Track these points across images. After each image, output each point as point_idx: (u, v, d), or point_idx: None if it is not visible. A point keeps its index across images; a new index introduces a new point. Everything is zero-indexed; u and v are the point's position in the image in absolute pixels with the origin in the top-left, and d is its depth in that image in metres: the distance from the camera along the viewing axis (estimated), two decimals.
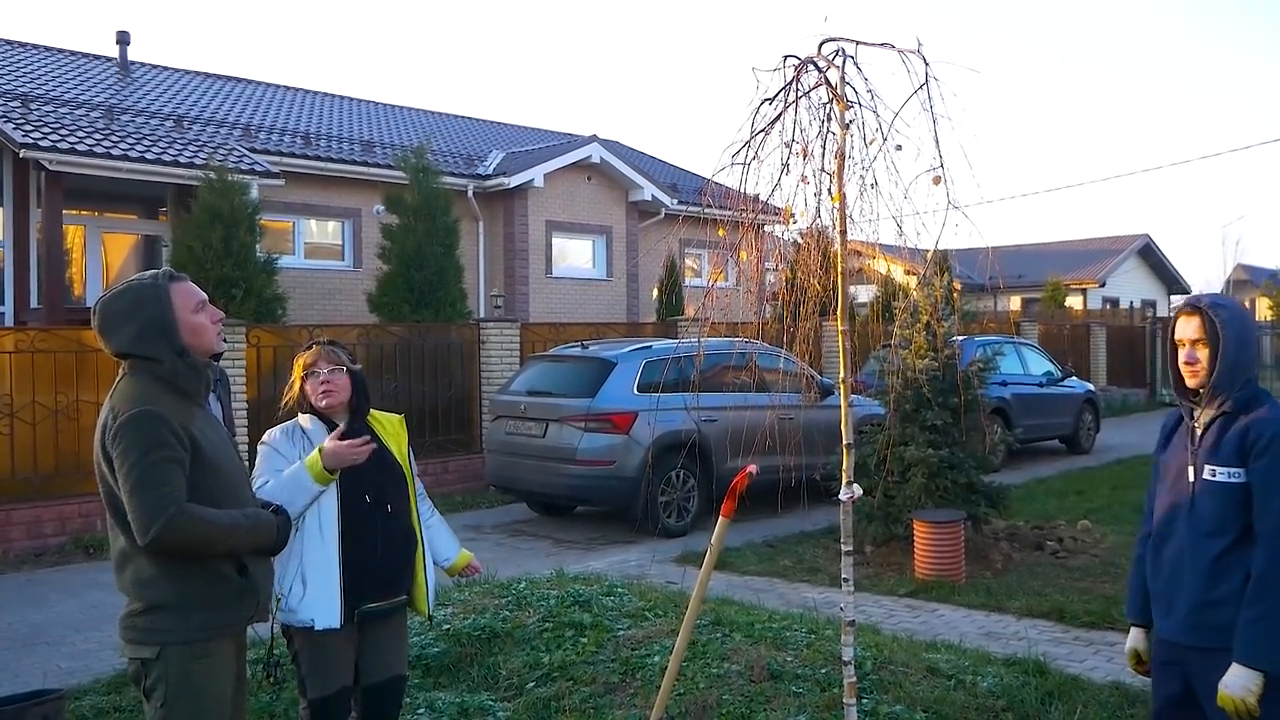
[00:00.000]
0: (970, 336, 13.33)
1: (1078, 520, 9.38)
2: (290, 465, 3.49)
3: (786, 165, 2.97)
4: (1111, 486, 11.85)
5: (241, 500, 3.02)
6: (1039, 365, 15.52)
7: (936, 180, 3.25)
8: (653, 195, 19.92)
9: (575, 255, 19.74)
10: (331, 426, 3.61)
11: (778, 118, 3.15)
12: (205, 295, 3.05)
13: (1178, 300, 42.33)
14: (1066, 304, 30.86)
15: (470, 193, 17.88)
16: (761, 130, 3.11)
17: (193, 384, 2.95)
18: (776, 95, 2.96)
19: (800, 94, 3.18)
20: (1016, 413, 13.82)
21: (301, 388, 3.63)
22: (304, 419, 3.64)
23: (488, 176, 18.18)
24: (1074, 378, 16.15)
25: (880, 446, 8.41)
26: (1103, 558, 8.19)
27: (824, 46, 3.13)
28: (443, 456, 12.56)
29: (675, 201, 20.18)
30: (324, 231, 17.34)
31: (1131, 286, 35.74)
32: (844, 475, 3.20)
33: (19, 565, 8.98)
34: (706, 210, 4.08)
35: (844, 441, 3.22)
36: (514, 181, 17.99)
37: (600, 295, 19.59)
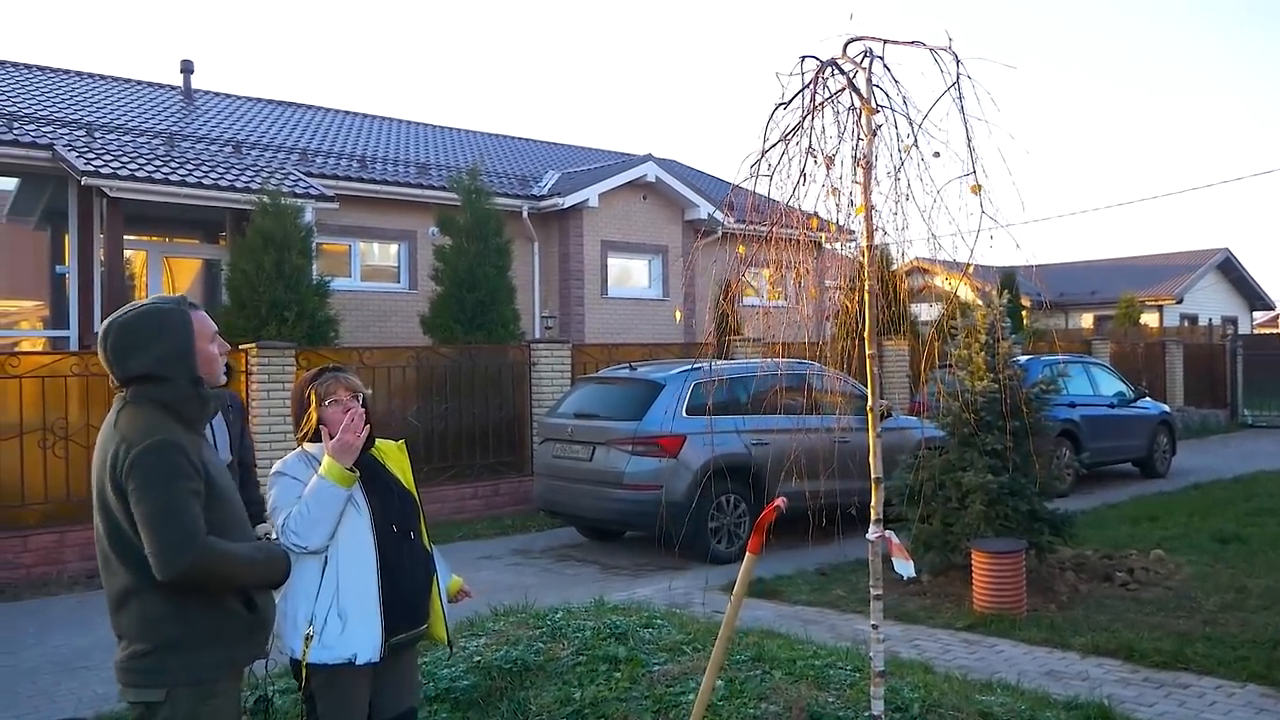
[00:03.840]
0: (1036, 356, 12.87)
1: (1151, 549, 8.89)
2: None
3: (804, 174, 2.74)
4: (1188, 513, 11.27)
5: (244, 531, 2.95)
6: (1110, 385, 14.96)
7: (975, 188, 3.00)
8: (709, 214, 19.71)
9: (631, 275, 19.59)
10: None
11: (800, 124, 2.91)
12: (216, 326, 3.01)
13: (1261, 316, 40.89)
14: (1142, 321, 29.95)
15: (525, 213, 17.83)
16: (780, 139, 2.88)
17: (197, 413, 2.89)
18: (792, 100, 2.73)
19: (826, 98, 2.95)
20: (1086, 435, 13.30)
21: (320, 417, 3.50)
22: (313, 447, 3.51)
23: (542, 197, 18.13)
24: (1147, 398, 15.55)
25: (936, 471, 8.08)
26: (1177, 590, 7.72)
27: (849, 47, 2.89)
28: (494, 479, 12.45)
29: (732, 220, 19.91)
30: (380, 254, 17.43)
31: (1211, 302, 34.55)
32: (873, 512, 2.94)
33: (71, 587, 9.02)
34: (751, 227, 3.87)
35: (873, 475, 2.95)
36: (568, 201, 17.91)
37: (656, 315, 19.40)
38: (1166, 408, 16.13)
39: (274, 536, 3.26)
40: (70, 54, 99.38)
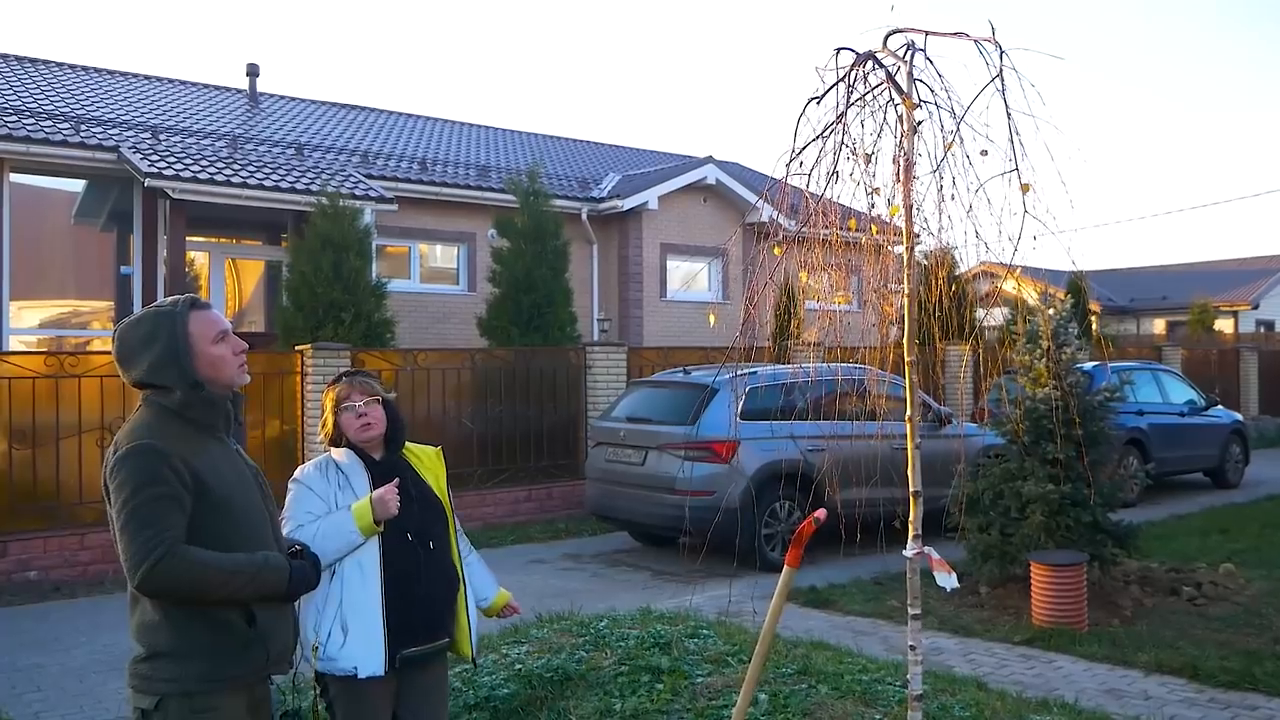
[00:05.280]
0: (1101, 363, 12.52)
1: (1220, 563, 8.56)
2: (324, 503, 3.31)
3: (836, 172, 2.62)
4: (1261, 525, 10.85)
5: (259, 541, 2.79)
6: (1180, 393, 14.51)
7: (1025, 187, 2.85)
8: (770, 217, 19.51)
9: (691, 278, 19.48)
10: (367, 460, 3.44)
11: (837, 121, 2.79)
12: (228, 325, 2.87)
13: None
14: (1216, 327, 29.10)
15: (584, 215, 17.82)
16: (817, 137, 2.76)
17: (207, 417, 2.77)
18: (824, 95, 2.61)
19: (866, 92, 2.82)
20: (1154, 444, 12.91)
21: (336, 421, 3.45)
22: (337, 453, 3.45)
23: (602, 199, 18.10)
24: (1219, 406, 15.06)
25: (995, 480, 7.86)
26: (1247, 606, 7.41)
27: (890, 39, 2.76)
28: (547, 482, 12.41)
29: (795, 223, 19.71)
30: (441, 256, 17.54)
31: None
32: (911, 528, 2.81)
33: (126, 586, 9.13)
34: (800, 227, 3.76)
35: (911, 488, 2.82)
36: (627, 204, 17.86)
37: (717, 318, 19.27)
38: (1239, 416, 15.62)
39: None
40: (138, 58, 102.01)
